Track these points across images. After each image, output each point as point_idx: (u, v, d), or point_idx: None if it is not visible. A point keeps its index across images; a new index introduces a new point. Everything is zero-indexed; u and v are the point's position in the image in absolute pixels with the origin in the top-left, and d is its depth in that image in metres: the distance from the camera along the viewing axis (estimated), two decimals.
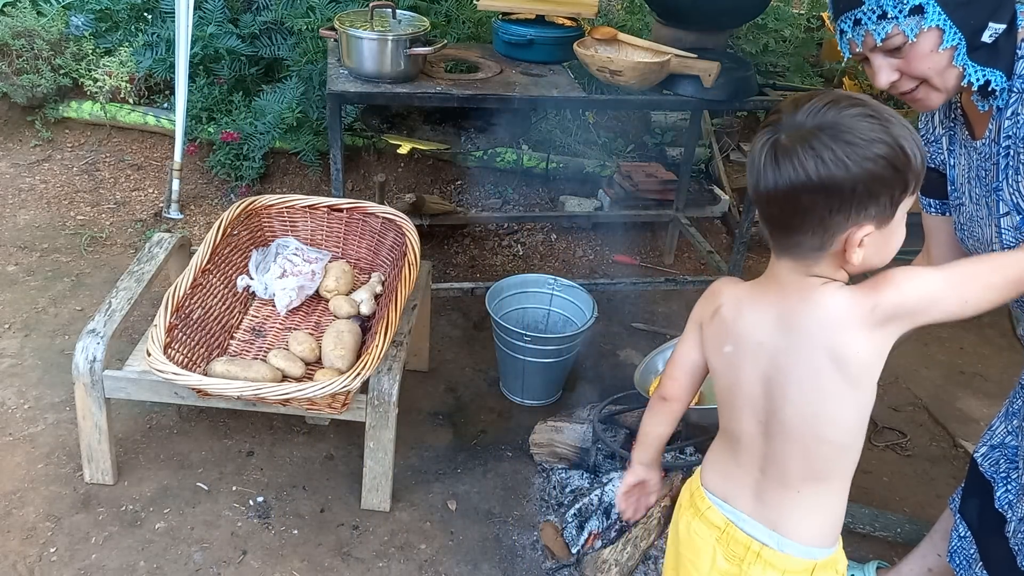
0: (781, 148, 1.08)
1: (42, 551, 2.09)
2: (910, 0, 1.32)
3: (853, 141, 1.05)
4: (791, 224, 1.12)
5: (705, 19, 2.79)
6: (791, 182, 1.07)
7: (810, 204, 1.08)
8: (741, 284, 1.28)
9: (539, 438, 2.50)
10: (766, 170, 1.09)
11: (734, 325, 1.25)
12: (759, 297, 1.23)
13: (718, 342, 1.28)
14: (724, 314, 1.27)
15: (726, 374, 1.28)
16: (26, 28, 3.73)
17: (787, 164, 1.07)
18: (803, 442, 1.20)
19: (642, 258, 3.72)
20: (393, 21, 2.58)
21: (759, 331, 1.21)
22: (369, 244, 2.59)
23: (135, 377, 2.14)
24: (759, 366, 1.21)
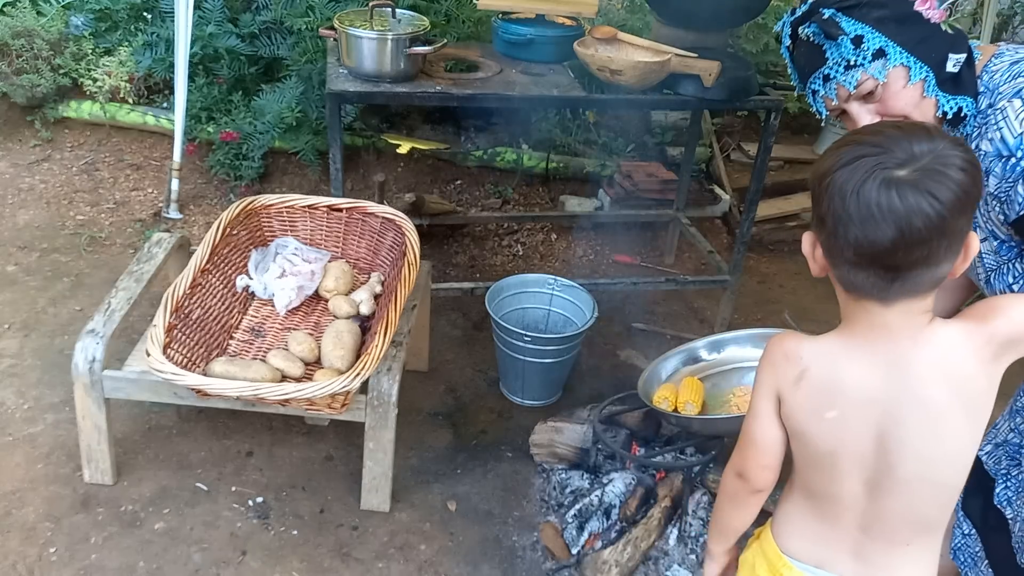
0: (905, 181, 1.01)
1: (42, 551, 2.09)
2: (871, 46, 1.41)
3: (961, 165, 1.02)
4: (925, 259, 1.03)
5: (705, 19, 2.79)
6: (923, 220, 1.00)
7: (942, 232, 1.02)
8: (820, 339, 1.18)
9: (539, 438, 2.50)
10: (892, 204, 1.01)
11: (835, 386, 1.14)
12: (860, 350, 1.13)
13: (815, 409, 1.16)
14: (817, 377, 1.16)
15: (826, 440, 1.17)
16: (26, 28, 3.73)
17: (923, 196, 1.00)
18: (919, 492, 1.15)
19: (642, 258, 3.72)
20: (393, 20, 2.57)
21: (869, 387, 1.12)
22: (369, 244, 2.58)
23: (134, 377, 2.14)
24: (870, 424, 1.13)
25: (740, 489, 1.28)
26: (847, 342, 1.14)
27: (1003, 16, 4.51)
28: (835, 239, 1.06)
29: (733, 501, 1.31)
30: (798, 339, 1.19)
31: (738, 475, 1.27)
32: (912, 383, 1.10)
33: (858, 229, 1.03)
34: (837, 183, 1.04)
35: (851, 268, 1.08)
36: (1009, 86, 1.41)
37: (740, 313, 3.35)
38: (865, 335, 1.12)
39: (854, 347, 1.13)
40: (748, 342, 2.41)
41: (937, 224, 1.01)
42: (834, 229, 1.05)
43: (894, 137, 1.04)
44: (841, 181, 1.03)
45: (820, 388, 1.15)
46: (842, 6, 1.45)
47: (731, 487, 1.30)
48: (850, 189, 1.02)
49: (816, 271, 1.15)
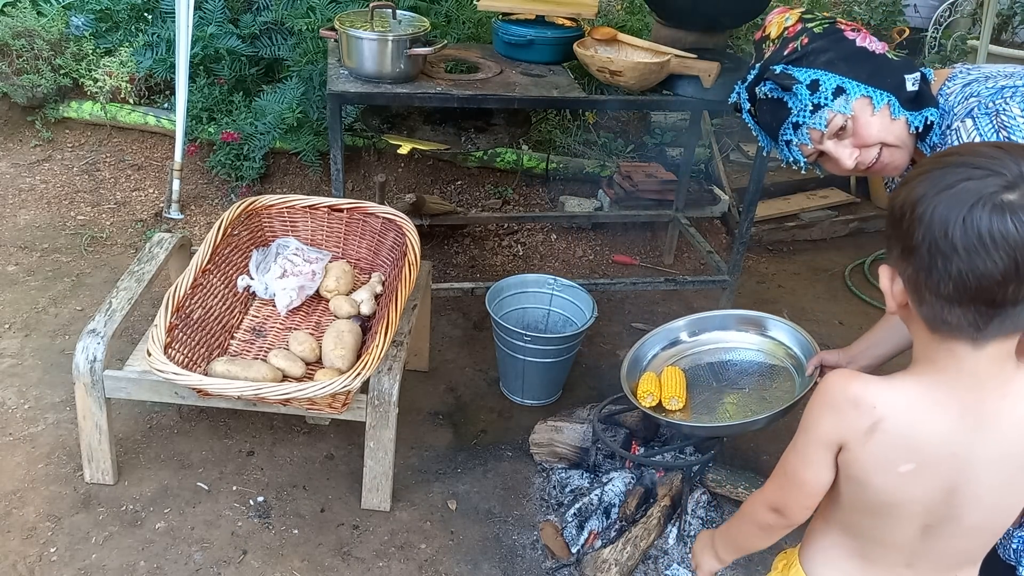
0: (1019, 208, 0.91)
1: (42, 551, 2.09)
2: (828, 86, 1.49)
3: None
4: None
5: (705, 19, 2.79)
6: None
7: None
8: (894, 384, 1.08)
9: (539, 438, 2.50)
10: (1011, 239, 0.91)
11: (913, 440, 1.05)
12: (942, 400, 1.04)
13: (888, 461, 1.07)
14: (894, 428, 1.06)
15: (892, 493, 1.09)
16: (26, 28, 3.73)
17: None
18: (978, 537, 1.12)
19: (642, 258, 3.73)
20: (393, 21, 2.58)
21: (951, 441, 1.04)
22: (369, 244, 2.59)
23: (135, 377, 2.15)
24: (944, 477, 1.06)
25: (776, 524, 1.23)
26: (928, 389, 1.05)
27: (1003, 16, 4.52)
28: (931, 273, 0.96)
29: (766, 532, 1.26)
30: (865, 383, 1.08)
31: (775, 510, 1.21)
32: (996, 439, 1.03)
33: (963, 261, 0.93)
34: (938, 211, 0.93)
35: (946, 304, 0.97)
36: (961, 107, 1.47)
37: None
38: (950, 383, 1.03)
39: (936, 396, 1.04)
40: (730, 323, 2.33)
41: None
42: (931, 262, 0.95)
43: (996, 157, 0.94)
44: (943, 208, 0.93)
45: (896, 441, 1.06)
46: (789, 59, 1.54)
47: (765, 520, 1.24)
48: (955, 217, 0.92)
49: (892, 307, 1.05)
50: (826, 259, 3.91)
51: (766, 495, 1.23)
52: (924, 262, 0.96)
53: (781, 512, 1.20)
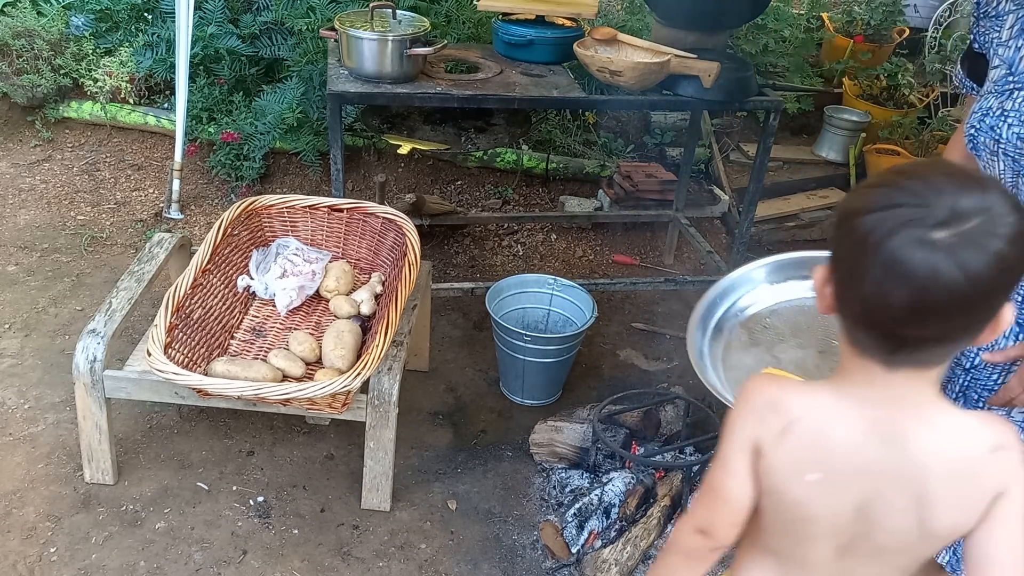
0: (939, 248, 0.86)
1: (42, 551, 2.09)
2: None
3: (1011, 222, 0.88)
4: (939, 336, 0.92)
5: (705, 19, 2.79)
6: (981, 275, 0.86)
7: (989, 300, 0.90)
8: (812, 389, 1.05)
9: (539, 438, 2.50)
10: (937, 266, 0.86)
11: (823, 447, 1.02)
12: (856, 411, 1.00)
13: (797, 468, 1.03)
14: (806, 433, 1.02)
15: (802, 505, 1.04)
16: (26, 28, 3.73)
17: (970, 256, 0.86)
18: (894, 560, 1.06)
19: (642, 258, 3.73)
20: (393, 21, 2.58)
21: (860, 455, 1.00)
22: (369, 244, 2.59)
23: (135, 377, 2.15)
24: (854, 493, 1.02)
25: (701, 547, 1.13)
26: (839, 399, 1.01)
27: None
28: (847, 289, 0.94)
29: (689, 558, 1.16)
30: (783, 386, 1.06)
31: (701, 531, 1.12)
32: (905, 460, 0.99)
33: (872, 285, 0.89)
34: (862, 228, 0.89)
35: (856, 323, 0.96)
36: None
37: None
38: (860, 396, 1.00)
39: (850, 406, 1.00)
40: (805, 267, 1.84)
41: (964, 301, 0.88)
42: (849, 278, 0.93)
43: (939, 187, 0.89)
44: (867, 227, 0.89)
45: (805, 446, 1.02)
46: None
47: (688, 543, 1.15)
48: (874, 240, 0.88)
49: (822, 309, 1.01)
50: None
51: (691, 517, 1.15)
52: (844, 275, 0.94)
53: (707, 532, 1.12)
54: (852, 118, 4.26)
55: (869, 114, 4.29)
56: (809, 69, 4.67)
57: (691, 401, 2.52)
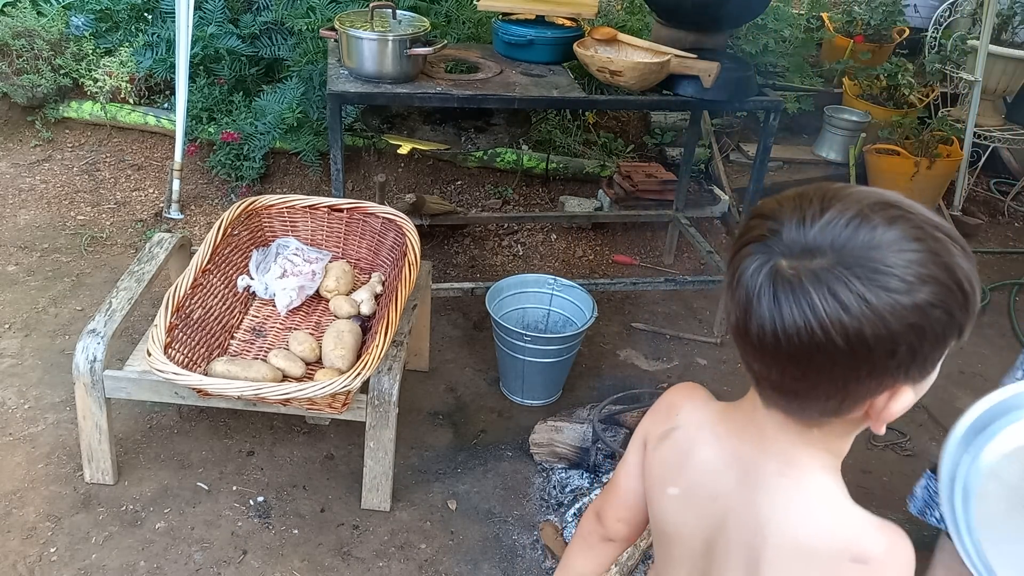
0: (783, 281, 0.73)
1: (42, 551, 2.09)
2: None
3: (893, 284, 0.71)
4: (799, 386, 0.79)
5: (705, 19, 2.79)
6: (799, 334, 0.73)
7: (827, 365, 0.74)
8: (709, 404, 0.97)
9: (539, 438, 2.50)
10: (759, 309, 0.75)
11: (687, 461, 0.95)
12: (727, 437, 0.92)
13: (662, 478, 0.98)
14: (678, 442, 0.97)
15: (664, 520, 0.99)
16: (26, 28, 3.73)
17: (792, 308, 0.73)
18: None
19: (642, 258, 3.73)
20: (393, 21, 2.58)
21: (716, 483, 0.91)
22: (369, 244, 2.59)
23: (135, 377, 2.15)
24: (705, 522, 0.93)
25: (593, 531, 1.12)
26: (724, 421, 0.93)
27: (1003, 16, 4.52)
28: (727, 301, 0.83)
29: (583, 540, 1.14)
30: (690, 393, 1.00)
31: (596, 515, 1.12)
32: (751, 519, 0.87)
33: (734, 307, 0.78)
34: (737, 243, 0.80)
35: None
36: None
37: None
38: (741, 426, 0.90)
39: (725, 431, 0.92)
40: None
41: (789, 347, 0.74)
42: (726, 289, 0.82)
43: (795, 211, 0.76)
44: (739, 243, 0.79)
45: (675, 457, 0.96)
46: None
47: (585, 526, 1.14)
48: (736, 256, 0.79)
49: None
50: None
51: (595, 500, 1.15)
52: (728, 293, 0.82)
53: (600, 518, 1.11)
54: (852, 118, 4.26)
55: (869, 114, 4.29)
56: (809, 69, 4.67)
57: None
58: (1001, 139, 4.45)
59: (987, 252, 4.11)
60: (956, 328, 0.76)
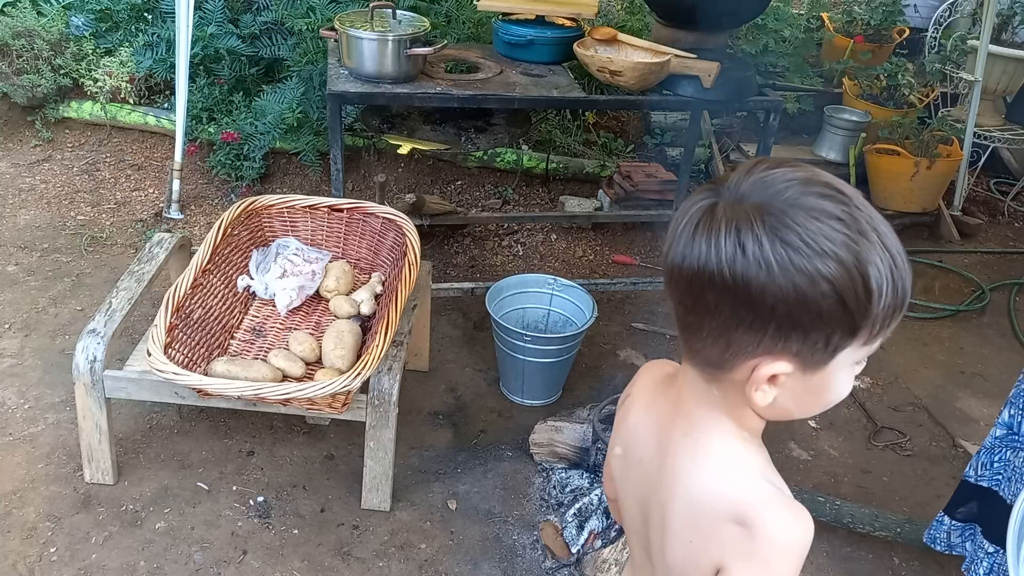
0: (706, 218, 0.77)
1: (42, 551, 2.09)
2: None
3: (794, 242, 0.73)
4: (690, 321, 0.82)
5: (705, 19, 2.79)
6: (698, 266, 0.77)
7: (713, 303, 0.78)
8: (660, 373, 1.00)
9: (539, 438, 2.50)
10: (679, 239, 0.79)
11: (623, 424, 0.99)
12: (657, 401, 0.95)
13: (615, 439, 1.01)
14: (625, 407, 1.01)
15: (615, 481, 1.02)
16: (26, 28, 3.73)
17: (701, 241, 0.77)
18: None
19: (642, 258, 3.73)
20: (393, 21, 2.58)
21: (643, 444, 0.94)
22: (369, 244, 2.59)
23: (135, 377, 2.15)
24: (638, 485, 0.95)
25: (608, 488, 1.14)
26: (660, 384, 0.96)
27: (1003, 16, 4.52)
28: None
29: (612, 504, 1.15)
30: (653, 364, 1.02)
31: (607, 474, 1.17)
32: (666, 475, 0.89)
33: (667, 238, 0.82)
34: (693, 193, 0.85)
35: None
36: None
37: None
38: (669, 389, 0.93)
39: (658, 393, 0.95)
40: None
41: (688, 275, 0.78)
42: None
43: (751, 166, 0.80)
44: (693, 192, 0.84)
45: (620, 419, 1.00)
46: None
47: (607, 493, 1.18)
48: (691, 194, 0.83)
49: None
50: None
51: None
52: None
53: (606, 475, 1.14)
54: (852, 118, 4.26)
55: (869, 114, 4.29)
56: (809, 69, 4.67)
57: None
58: (1001, 139, 4.45)
59: (987, 252, 4.11)
60: (847, 322, 0.76)
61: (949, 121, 4.30)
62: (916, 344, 3.28)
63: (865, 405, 2.91)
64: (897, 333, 2.29)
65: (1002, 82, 4.41)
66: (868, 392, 2.99)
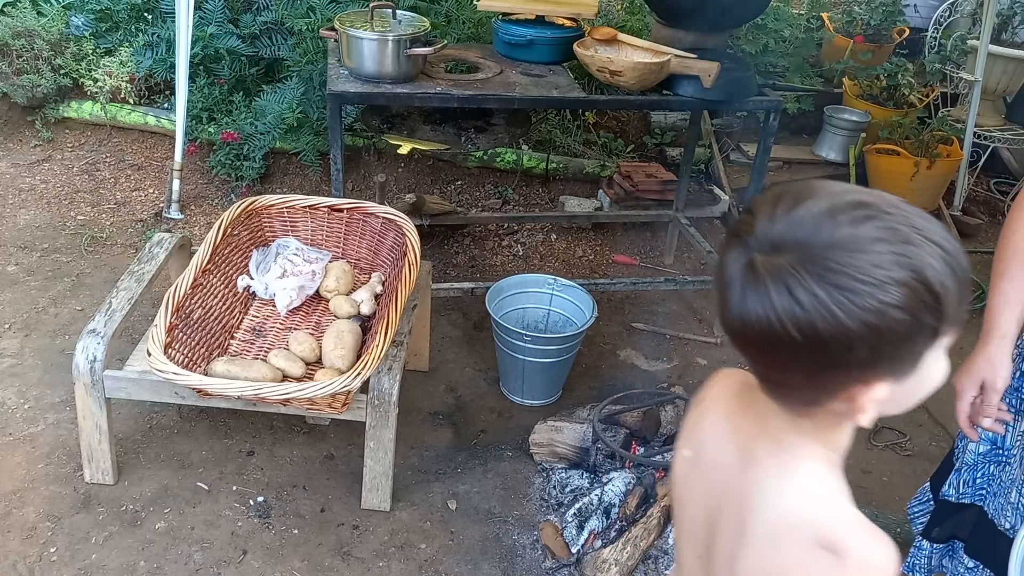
0: (750, 275, 0.76)
1: (42, 551, 2.09)
2: None
3: (848, 284, 0.71)
4: (772, 376, 0.83)
5: (705, 19, 2.79)
6: (761, 327, 0.75)
7: (790, 358, 0.76)
8: (735, 380, 0.99)
9: (539, 438, 2.50)
10: (730, 301, 0.78)
11: (698, 427, 0.99)
12: (736, 411, 0.94)
13: (683, 439, 1.01)
14: (699, 409, 1.00)
15: (678, 483, 1.01)
16: (26, 28, 3.73)
17: (754, 302, 0.75)
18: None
19: (642, 258, 3.73)
20: (393, 21, 2.58)
21: (719, 451, 0.93)
22: (369, 244, 2.59)
23: (135, 377, 2.15)
24: (708, 491, 0.94)
25: None
26: (736, 397, 0.95)
27: (1003, 16, 4.52)
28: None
29: None
30: (728, 371, 1.02)
31: None
32: (746, 492, 0.87)
33: (717, 298, 0.82)
34: (725, 238, 0.83)
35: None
36: None
37: None
38: (749, 402, 0.91)
39: (736, 406, 0.94)
40: None
41: (755, 335, 0.76)
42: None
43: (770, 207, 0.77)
44: (726, 238, 0.82)
45: (694, 421, 1.00)
46: None
47: None
48: (721, 250, 0.82)
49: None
50: None
51: None
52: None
53: None
54: (852, 118, 4.26)
55: (869, 114, 4.29)
56: (809, 69, 4.67)
57: (691, 401, 2.52)
58: (1001, 139, 4.45)
59: (987, 252, 4.11)
60: (927, 329, 0.75)
61: (949, 121, 4.30)
62: None
63: None
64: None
65: (1002, 82, 4.41)
66: None
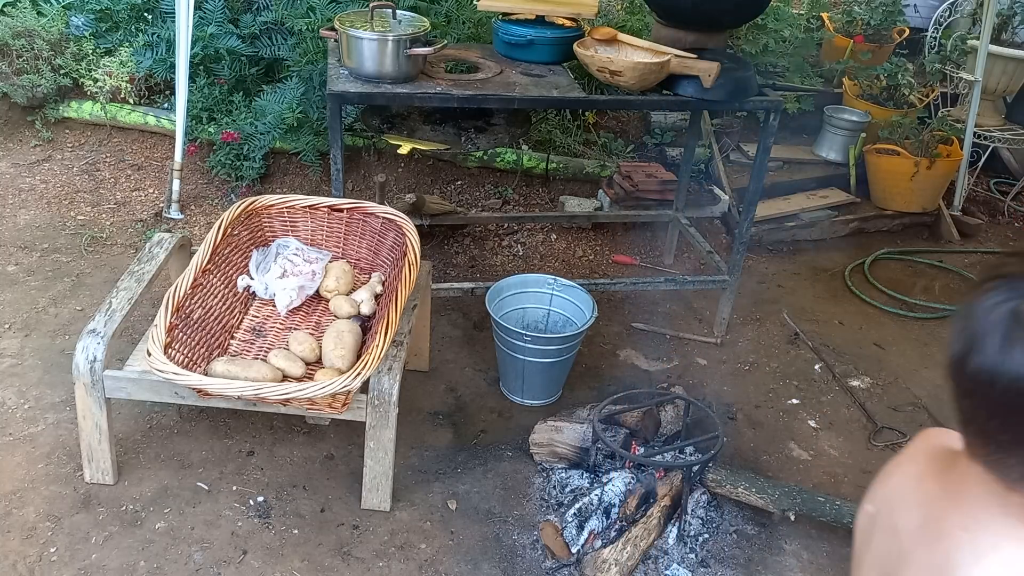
0: (1017, 324, 0.71)
1: (42, 551, 2.09)
2: None
3: None
4: (1002, 439, 0.76)
5: (705, 19, 2.79)
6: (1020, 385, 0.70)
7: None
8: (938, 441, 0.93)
9: (539, 438, 2.50)
10: (985, 348, 0.72)
11: (886, 483, 0.94)
12: (929, 474, 0.89)
13: (870, 494, 0.97)
14: (892, 466, 0.96)
15: (857, 537, 0.98)
16: (26, 28, 3.73)
17: (1020, 353, 0.70)
18: None
19: (642, 258, 3.73)
20: (393, 21, 2.58)
21: (903, 515, 0.88)
22: (369, 244, 2.59)
23: (135, 377, 2.15)
24: (885, 553, 0.90)
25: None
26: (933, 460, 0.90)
27: (1003, 16, 4.52)
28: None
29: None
30: (934, 429, 0.97)
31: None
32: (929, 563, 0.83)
33: (960, 339, 0.76)
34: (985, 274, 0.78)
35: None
36: None
37: (739, 313, 3.36)
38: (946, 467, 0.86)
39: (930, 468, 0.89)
40: None
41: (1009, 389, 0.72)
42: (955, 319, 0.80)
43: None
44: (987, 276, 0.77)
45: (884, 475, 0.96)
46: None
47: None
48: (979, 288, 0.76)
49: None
50: (826, 259, 3.91)
51: None
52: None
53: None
54: (852, 118, 4.26)
55: (869, 114, 4.29)
56: (809, 69, 4.67)
57: (691, 401, 2.53)
58: (1001, 139, 4.45)
59: (987, 252, 4.11)
60: None
61: (949, 121, 4.30)
62: (916, 344, 3.28)
63: (865, 405, 2.91)
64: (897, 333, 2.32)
65: (1002, 82, 4.41)
66: (868, 392, 2.99)
